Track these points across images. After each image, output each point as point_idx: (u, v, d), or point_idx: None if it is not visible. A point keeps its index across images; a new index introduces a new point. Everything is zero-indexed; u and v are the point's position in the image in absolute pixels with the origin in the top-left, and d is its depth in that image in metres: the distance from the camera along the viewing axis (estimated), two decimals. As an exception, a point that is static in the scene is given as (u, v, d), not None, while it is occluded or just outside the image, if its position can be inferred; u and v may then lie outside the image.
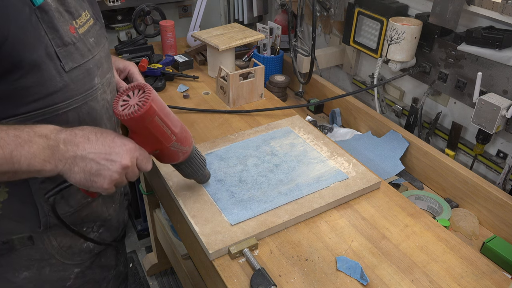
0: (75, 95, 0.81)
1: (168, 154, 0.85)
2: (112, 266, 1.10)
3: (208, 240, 0.89)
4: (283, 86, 1.59)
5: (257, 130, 1.26)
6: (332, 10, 1.54)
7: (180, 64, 1.64)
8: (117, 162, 0.73)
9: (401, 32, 1.25)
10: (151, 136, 0.78)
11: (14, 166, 0.68)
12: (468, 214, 1.12)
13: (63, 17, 0.78)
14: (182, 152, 0.86)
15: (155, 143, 0.80)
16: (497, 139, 1.21)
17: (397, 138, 1.30)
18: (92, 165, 0.72)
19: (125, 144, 0.75)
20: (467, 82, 1.20)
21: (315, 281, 0.84)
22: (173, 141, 0.81)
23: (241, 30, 1.62)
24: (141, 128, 0.76)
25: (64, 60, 0.77)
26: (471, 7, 1.14)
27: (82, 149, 0.72)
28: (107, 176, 0.73)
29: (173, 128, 0.80)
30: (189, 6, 2.19)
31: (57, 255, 0.93)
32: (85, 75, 0.83)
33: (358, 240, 0.93)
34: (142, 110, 0.72)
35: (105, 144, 0.74)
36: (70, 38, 0.79)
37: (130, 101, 0.75)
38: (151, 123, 0.76)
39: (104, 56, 0.91)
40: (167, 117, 0.79)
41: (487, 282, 0.85)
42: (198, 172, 0.96)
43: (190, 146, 0.89)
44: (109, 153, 0.73)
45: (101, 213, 1.00)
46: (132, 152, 0.76)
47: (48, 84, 0.76)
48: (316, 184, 1.05)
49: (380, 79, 1.52)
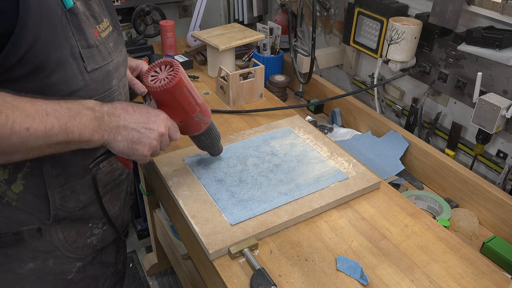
0: (94, 95, 0.85)
1: (193, 124, 0.93)
2: (112, 263, 1.11)
3: (208, 240, 0.89)
4: (283, 86, 1.60)
5: (257, 130, 1.26)
6: (332, 10, 1.54)
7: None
8: (154, 130, 0.81)
9: (401, 32, 1.25)
10: (179, 107, 0.86)
11: (69, 136, 0.72)
12: (468, 214, 1.12)
13: (89, 20, 0.83)
14: (204, 122, 0.95)
15: (183, 113, 0.88)
16: (497, 139, 1.21)
17: (397, 138, 1.30)
18: (134, 133, 0.80)
19: (158, 114, 0.83)
20: (467, 82, 1.20)
21: (315, 281, 0.84)
22: (197, 111, 0.90)
23: (241, 30, 1.62)
24: (170, 99, 0.84)
25: (87, 60, 0.81)
26: (471, 7, 1.14)
27: (123, 120, 0.79)
28: (147, 143, 0.81)
29: (197, 99, 0.89)
30: (189, 6, 2.19)
31: (62, 248, 0.95)
32: (105, 77, 0.87)
33: (358, 240, 0.93)
34: (173, 82, 0.81)
35: (142, 115, 0.81)
36: (94, 40, 0.83)
37: (159, 75, 0.83)
38: (181, 94, 0.84)
39: (122, 60, 0.96)
40: (193, 89, 0.88)
41: (487, 282, 0.85)
42: (215, 143, 1.04)
43: (210, 117, 0.97)
44: (147, 122, 0.81)
45: (108, 210, 1.02)
46: (165, 121, 0.84)
47: (71, 82, 0.80)
48: (316, 184, 1.04)
49: (380, 79, 1.52)
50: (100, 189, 0.97)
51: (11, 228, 0.88)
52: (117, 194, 1.05)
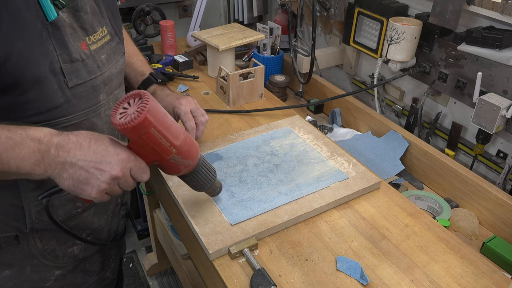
0: (76, 111, 0.81)
1: (168, 167, 0.80)
2: (96, 272, 1.08)
3: (208, 240, 0.89)
4: (283, 86, 1.60)
5: (257, 130, 1.26)
6: (332, 10, 1.54)
7: (180, 64, 1.64)
8: (106, 172, 0.71)
9: (401, 32, 1.25)
10: (147, 147, 0.73)
11: (4, 167, 0.68)
12: (468, 214, 1.12)
13: (76, 33, 0.79)
14: (184, 165, 0.81)
15: (153, 154, 0.75)
16: (497, 139, 1.21)
17: (397, 138, 1.30)
18: (81, 172, 0.70)
19: (118, 153, 0.72)
20: (467, 82, 1.19)
21: (315, 281, 0.84)
22: (173, 154, 0.76)
23: (241, 30, 1.62)
24: (137, 138, 0.72)
25: (68, 76, 0.77)
26: (471, 7, 1.14)
27: (72, 156, 0.70)
28: (95, 185, 0.71)
29: (173, 140, 0.75)
30: (189, 6, 2.20)
31: (39, 256, 0.92)
32: (89, 92, 0.83)
33: (358, 240, 0.93)
34: (135, 122, 0.68)
35: (97, 152, 0.71)
36: (79, 54, 0.79)
37: (129, 109, 0.70)
38: (146, 135, 0.71)
39: (116, 72, 0.91)
40: (167, 129, 0.73)
41: (487, 282, 0.85)
42: (205, 185, 0.89)
43: (194, 160, 0.82)
44: (99, 161, 0.71)
45: (91, 223, 0.99)
46: (124, 162, 0.72)
47: (49, 99, 0.76)
48: (316, 184, 1.05)
49: (380, 79, 1.52)
50: (82, 203, 0.94)
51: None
52: (104, 207, 1.02)
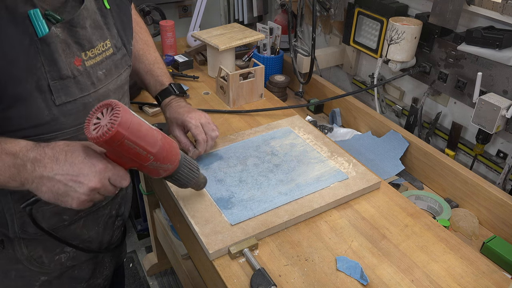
0: (64, 128, 0.80)
1: (148, 171, 0.80)
2: (85, 279, 1.07)
3: (208, 240, 0.89)
4: (283, 86, 1.60)
5: (257, 130, 1.26)
6: (332, 10, 1.54)
7: (180, 64, 1.64)
8: (84, 184, 0.71)
9: (401, 32, 1.25)
10: (124, 156, 0.73)
11: None
12: (468, 214, 1.12)
13: (70, 48, 0.77)
14: (163, 169, 0.81)
15: (130, 162, 0.75)
16: (497, 139, 1.21)
17: (397, 138, 1.30)
18: (60, 186, 0.70)
19: (94, 165, 0.72)
20: (467, 82, 1.20)
21: (315, 281, 0.84)
22: (151, 161, 0.76)
23: (241, 30, 1.62)
24: (112, 149, 0.71)
25: (56, 93, 0.76)
26: (471, 7, 1.14)
27: (49, 170, 0.70)
28: (74, 197, 0.71)
29: (150, 148, 0.74)
30: (189, 6, 2.20)
31: (25, 261, 0.91)
32: (80, 110, 0.81)
33: (358, 240, 0.93)
34: (107, 136, 0.66)
35: (74, 165, 0.71)
36: (71, 71, 0.78)
37: (101, 120, 0.69)
38: (121, 147, 0.70)
39: (114, 88, 0.89)
40: (142, 138, 0.72)
41: (487, 282, 0.85)
42: (189, 183, 0.90)
43: (174, 163, 0.82)
44: (76, 174, 0.70)
45: (80, 235, 0.98)
46: (102, 173, 0.72)
47: (34, 116, 0.75)
48: (316, 184, 1.05)
49: (380, 79, 1.52)
50: (69, 216, 0.92)
51: None
52: (94, 220, 1.01)
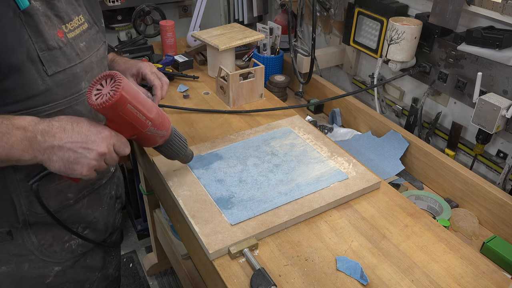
0: (58, 98, 0.82)
1: (146, 138, 0.87)
2: (98, 268, 1.08)
3: (208, 240, 0.89)
4: (283, 86, 1.60)
5: (257, 130, 1.26)
6: (332, 10, 1.54)
7: (180, 64, 1.64)
8: (93, 150, 0.76)
9: (401, 32, 1.25)
10: (125, 123, 0.80)
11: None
12: (468, 214, 1.12)
13: (51, 21, 0.79)
14: (160, 136, 0.89)
15: (131, 129, 0.82)
16: (497, 139, 1.21)
17: (397, 138, 1.30)
18: (70, 154, 0.74)
19: (100, 132, 0.77)
20: (467, 82, 1.19)
21: (315, 281, 0.84)
22: (149, 126, 0.83)
23: (241, 30, 1.62)
24: (115, 116, 0.78)
25: (47, 64, 0.78)
26: (471, 7, 1.14)
27: (59, 139, 0.74)
28: (85, 164, 0.76)
29: (148, 114, 0.82)
30: (189, 6, 2.20)
31: (36, 251, 0.93)
32: (71, 80, 0.83)
33: (358, 240, 0.93)
34: (113, 100, 0.73)
35: (81, 133, 0.75)
36: (56, 42, 0.79)
37: (103, 90, 0.75)
38: (124, 111, 0.77)
39: (96, 61, 0.91)
40: (141, 103, 0.80)
41: (487, 282, 0.85)
42: (180, 153, 0.98)
43: (168, 130, 0.91)
44: (85, 141, 0.75)
45: (85, 216, 0.99)
46: (108, 139, 0.78)
47: (29, 87, 0.77)
48: (316, 184, 1.05)
49: (380, 79, 1.52)
50: (73, 194, 0.94)
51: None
52: (97, 199, 1.02)
